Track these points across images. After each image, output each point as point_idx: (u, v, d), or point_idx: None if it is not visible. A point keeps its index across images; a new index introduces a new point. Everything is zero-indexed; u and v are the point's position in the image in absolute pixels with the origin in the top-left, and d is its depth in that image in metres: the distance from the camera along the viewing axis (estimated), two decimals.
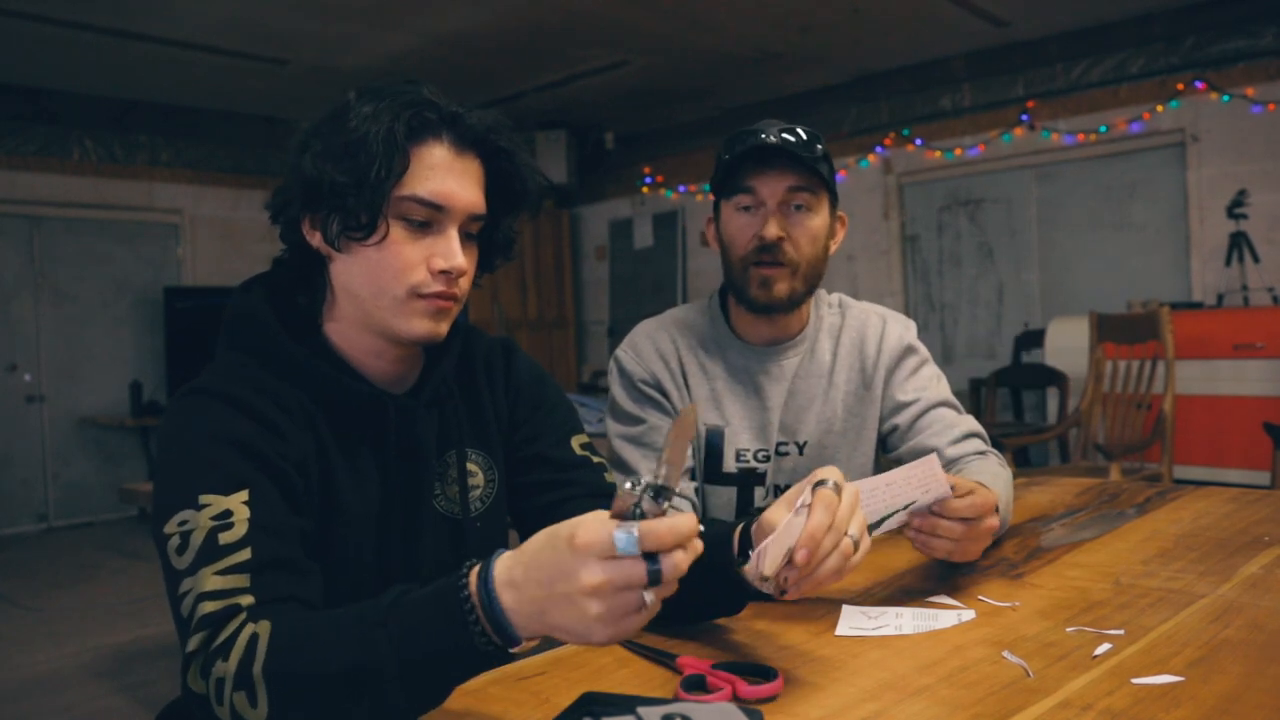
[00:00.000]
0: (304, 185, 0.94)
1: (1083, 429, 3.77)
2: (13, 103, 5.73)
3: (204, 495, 0.84)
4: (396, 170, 0.91)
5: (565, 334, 7.90)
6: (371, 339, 1.00)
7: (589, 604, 0.66)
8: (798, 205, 1.38)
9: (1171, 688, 0.76)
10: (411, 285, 0.95)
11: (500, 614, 0.70)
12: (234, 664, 0.74)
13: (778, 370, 1.48)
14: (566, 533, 0.68)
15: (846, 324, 1.52)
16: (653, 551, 0.66)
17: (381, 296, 0.95)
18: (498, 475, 1.11)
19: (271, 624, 0.76)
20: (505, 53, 5.49)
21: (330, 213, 0.94)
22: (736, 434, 1.46)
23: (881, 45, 5.65)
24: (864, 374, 1.49)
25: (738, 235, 1.41)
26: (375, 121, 0.91)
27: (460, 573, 0.73)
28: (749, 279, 1.40)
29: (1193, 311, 4.66)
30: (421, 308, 0.96)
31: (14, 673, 3.26)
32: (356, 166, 0.91)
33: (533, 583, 0.69)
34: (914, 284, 6.35)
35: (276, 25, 4.84)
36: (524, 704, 0.81)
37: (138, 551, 5.18)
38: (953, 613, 0.98)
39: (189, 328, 6.04)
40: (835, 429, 1.48)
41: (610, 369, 1.51)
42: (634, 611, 0.67)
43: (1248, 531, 1.29)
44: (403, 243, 0.94)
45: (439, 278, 0.95)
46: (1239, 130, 4.92)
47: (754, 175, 1.38)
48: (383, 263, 0.94)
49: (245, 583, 0.81)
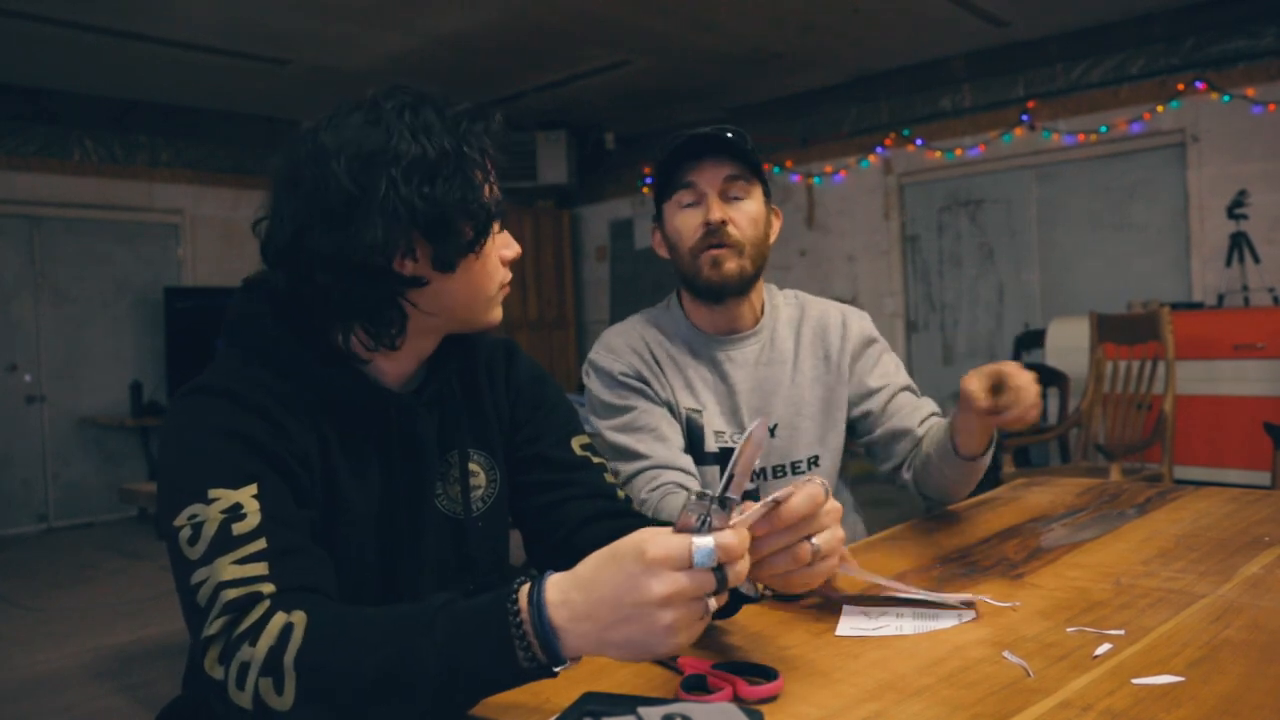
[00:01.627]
0: (422, 218, 0.90)
1: (1083, 429, 3.77)
2: (13, 103, 5.73)
3: (213, 489, 0.85)
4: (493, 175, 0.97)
5: (565, 334, 7.90)
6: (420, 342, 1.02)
7: (662, 615, 0.68)
8: (734, 196, 1.49)
9: (1172, 688, 0.76)
10: (501, 282, 1.02)
11: (550, 632, 0.71)
12: (263, 650, 0.74)
13: (740, 357, 1.56)
14: (632, 549, 0.70)
15: (806, 315, 1.62)
16: (724, 562, 0.69)
17: (479, 298, 1.00)
18: (499, 475, 1.11)
19: (308, 616, 0.76)
20: (505, 53, 5.49)
21: (447, 235, 0.92)
22: (712, 417, 1.53)
23: (881, 45, 5.65)
24: (829, 360, 1.58)
25: (684, 228, 1.50)
26: (470, 133, 0.93)
27: (510, 589, 0.74)
28: (700, 265, 1.49)
29: (1193, 312, 4.66)
30: (500, 298, 1.03)
31: (14, 673, 3.26)
32: (468, 183, 0.92)
33: (594, 601, 0.70)
34: (914, 284, 6.35)
35: (276, 25, 4.84)
36: (524, 704, 0.80)
37: (138, 551, 5.18)
38: (953, 613, 0.98)
39: (189, 328, 6.04)
40: (805, 411, 1.56)
41: (585, 372, 1.58)
42: (698, 619, 0.70)
43: (1248, 532, 1.29)
44: (493, 244, 0.99)
45: (508, 268, 1.03)
46: (1239, 130, 4.92)
47: (692, 170, 1.48)
48: (485, 269, 0.99)
49: (264, 570, 0.81)
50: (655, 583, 0.68)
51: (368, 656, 0.73)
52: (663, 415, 1.49)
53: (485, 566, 1.08)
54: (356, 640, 0.75)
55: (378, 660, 0.73)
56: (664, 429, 1.47)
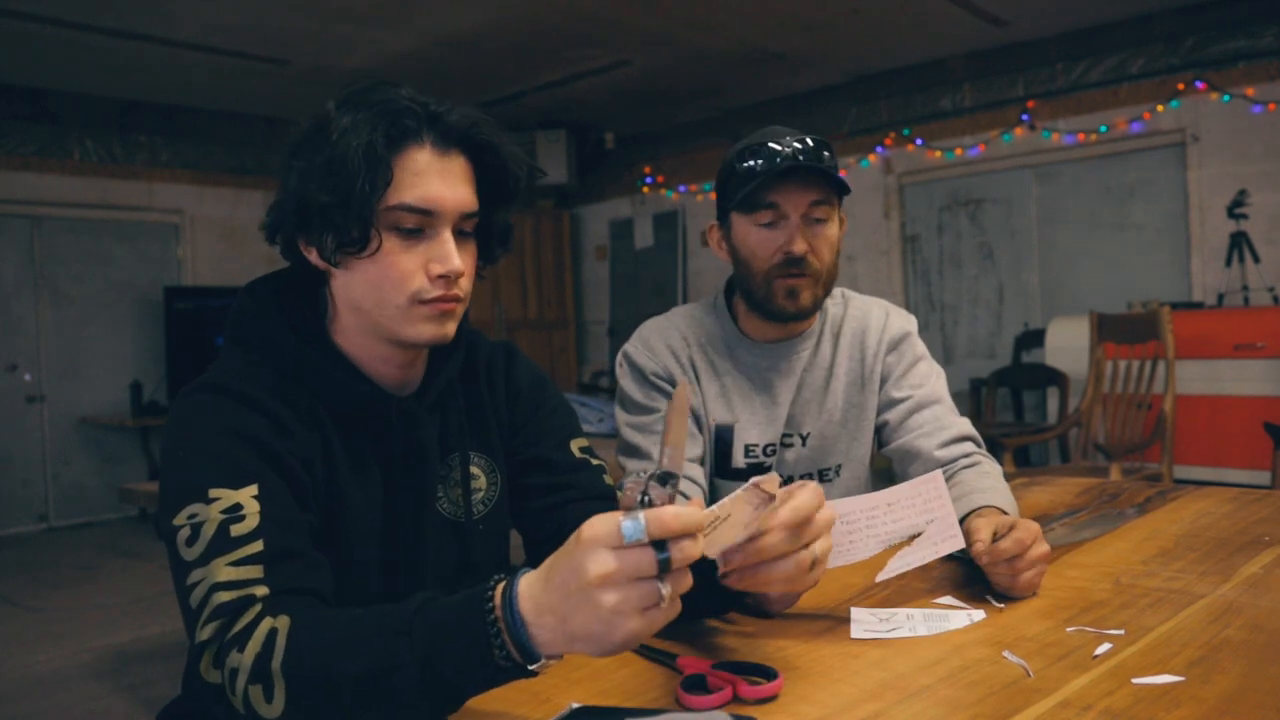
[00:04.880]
0: (293, 206, 0.93)
1: (1083, 429, 3.77)
2: (13, 103, 5.73)
3: (213, 489, 0.84)
4: (380, 183, 0.90)
5: (565, 334, 7.89)
6: (377, 344, 0.99)
7: (603, 596, 0.65)
8: (817, 219, 1.40)
9: (1172, 688, 0.76)
10: (412, 293, 0.94)
11: (521, 628, 0.70)
12: (250, 657, 0.74)
13: (787, 367, 1.50)
14: (575, 533, 0.68)
15: (849, 315, 1.54)
16: (660, 539, 0.65)
17: (384, 307, 0.95)
18: (500, 478, 1.11)
19: (291, 620, 0.76)
20: (505, 53, 5.49)
21: (322, 231, 0.93)
22: (745, 430, 1.48)
23: (881, 45, 5.64)
24: (863, 365, 1.52)
25: (759, 249, 1.41)
26: (355, 135, 0.90)
27: (487, 585, 0.73)
28: (774, 291, 1.41)
29: (1193, 311, 4.65)
30: (424, 313, 0.95)
31: (14, 673, 3.26)
32: (340, 184, 0.90)
33: (550, 588, 0.69)
34: (914, 284, 6.34)
35: (276, 25, 4.84)
36: (523, 704, 0.80)
37: (138, 551, 5.18)
38: (963, 613, 0.98)
39: (189, 328, 6.04)
40: (836, 419, 1.51)
41: (619, 363, 1.52)
42: (652, 606, 0.66)
43: (1248, 531, 1.29)
44: (398, 252, 0.93)
45: (438, 282, 0.94)
46: (1239, 130, 4.92)
47: (776, 190, 1.38)
48: (381, 274, 0.94)
49: (259, 573, 0.81)
50: (589, 562, 0.65)
51: (349, 662, 0.73)
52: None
53: (487, 569, 1.08)
54: (340, 644, 0.74)
55: (360, 663, 0.72)
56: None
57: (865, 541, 0.98)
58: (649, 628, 0.67)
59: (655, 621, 0.67)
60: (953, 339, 6.19)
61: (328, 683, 0.72)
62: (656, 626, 0.67)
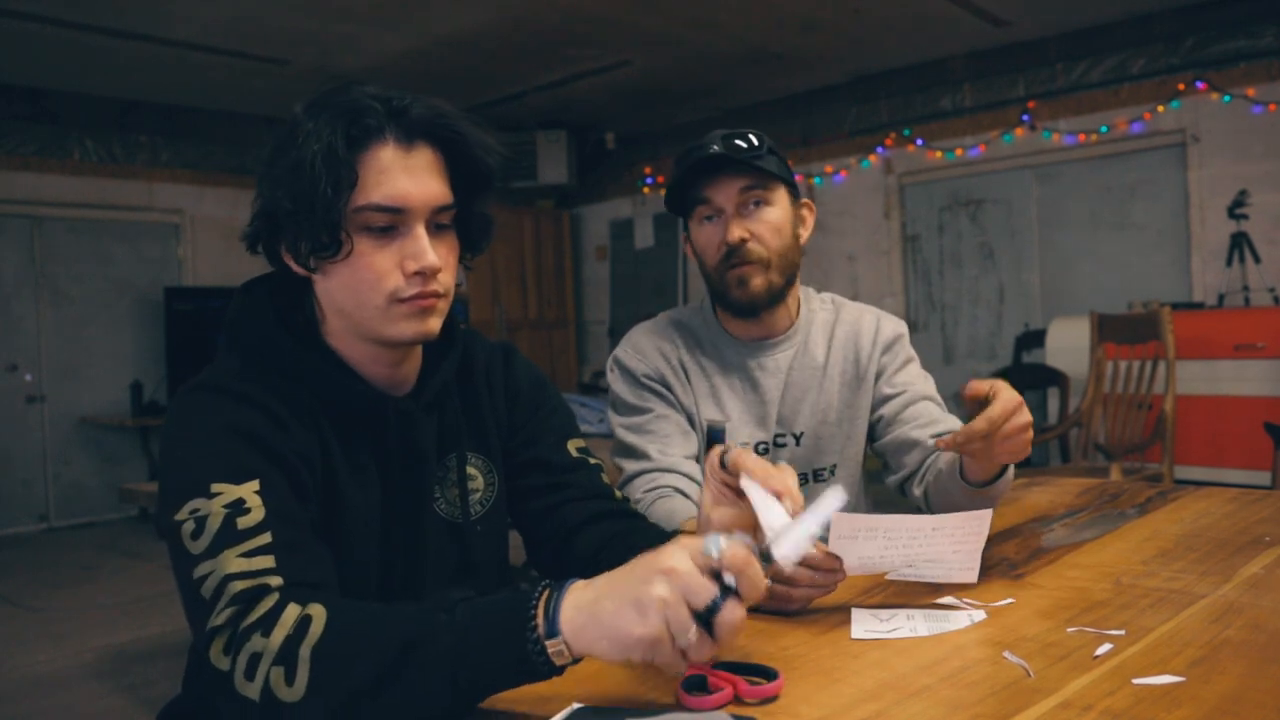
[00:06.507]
0: (263, 214, 0.94)
1: (1083, 429, 3.77)
2: (13, 103, 5.73)
3: (215, 484, 0.84)
4: (344, 185, 0.90)
5: (565, 334, 7.90)
6: (367, 345, 0.99)
7: (657, 582, 0.69)
8: (755, 202, 1.44)
9: (1172, 688, 0.76)
10: (389, 292, 0.93)
11: (555, 616, 0.72)
12: (278, 640, 0.74)
13: (772, 364, 1.52)
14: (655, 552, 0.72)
15: (840, 319, 1.57)
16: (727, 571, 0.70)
17: (364, 308, 0.95)
18: (497, 479, 1.11)
19: (327, 609, 0.77)
20: (505, 53, 5.49)
21: (295, 238, 0.93)
22: (737, 428, 1.50)
23: (881, 45, 5.65)
24: (858, 366, 1.54)
25: (706, 245, 1.47)
26: (316, 139, 0.90)
27: (540, 586, 0.76)
28: (727, 283, 1.45)
29: (1193, 312, 4.65)
30: (404, 311, 0.95)
31: (14, 673, 3.26)
32: (304, 190, 0.89)
33: (601, 582, 0.73)
34: (915, 284, 6.34)
35: (276, 25, 4.84)
36: (523, 704, 0.80)
37: (138, 551, 5.18)
38: (964, 613, 0.98)
39: (189, 328, 6.04)
40: (830, 419, 1.53)
41: (610, 368, 1.55)
42: (680, 631, 0.69)
43: (1248, 532, 1.29)
44: (371, 253, 0.93)
45: (415, 279, 0.94)
46: (1239, 130, 4.92)
47: (706, 185, 1.43)
48: (356, 276, 0.93)
49: (271, 564, 0.81)
50: (670, 554, 0.71)
51: (384, 632, 0.74)
52: (678, 422, 1.48)
53: (486, 570, 1.08)
54: (375, 620, 0.76)
55: (396, 634, 0.74)
56: (675, 435, 1.46)
57: (897, 556, 1.02)
58: (662, 643, 0.69)
59: (667, 647, 0.70)
60: (953, 339, 6.19)
61: (358, 658, 0.73)
62: (666, 652, 0.70)
